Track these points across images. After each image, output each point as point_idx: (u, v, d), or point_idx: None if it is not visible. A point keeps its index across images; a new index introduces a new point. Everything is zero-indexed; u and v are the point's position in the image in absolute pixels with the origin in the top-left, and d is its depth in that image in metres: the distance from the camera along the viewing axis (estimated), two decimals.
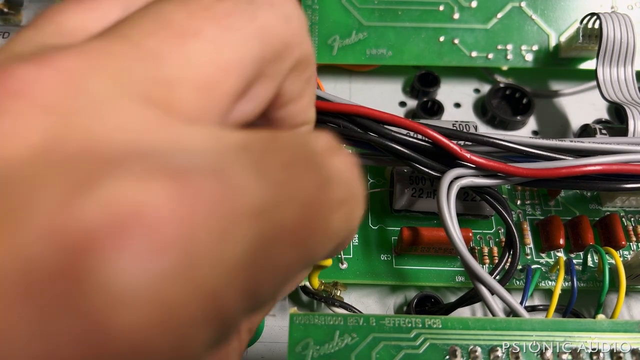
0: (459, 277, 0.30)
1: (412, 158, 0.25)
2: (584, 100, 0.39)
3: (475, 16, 0.37)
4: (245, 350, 0.29)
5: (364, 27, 0.37)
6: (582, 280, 0.30)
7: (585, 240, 0.30)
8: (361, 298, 0.31)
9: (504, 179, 0.25)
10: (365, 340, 0.20)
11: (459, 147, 0.24)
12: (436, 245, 0.29)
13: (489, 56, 0.37)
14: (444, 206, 0.24)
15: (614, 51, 0.33)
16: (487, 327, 0.21)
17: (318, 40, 0.37)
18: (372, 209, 0.32)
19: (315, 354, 0.20)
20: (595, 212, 0.32)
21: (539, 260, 0.31)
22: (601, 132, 0.32)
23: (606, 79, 0.33)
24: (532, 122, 0.38)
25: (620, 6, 0.37)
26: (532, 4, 0.37)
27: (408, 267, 0.30)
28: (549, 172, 0.24)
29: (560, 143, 0.26)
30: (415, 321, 0.21)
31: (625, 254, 0.31)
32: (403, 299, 0.31)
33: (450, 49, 0.37)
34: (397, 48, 0.37)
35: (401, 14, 0.37)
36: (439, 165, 0.25)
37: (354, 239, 0.31)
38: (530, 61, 0.37)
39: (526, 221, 0.32)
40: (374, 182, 0.33)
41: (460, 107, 0.39)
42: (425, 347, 0.20)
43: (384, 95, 0.39)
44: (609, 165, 0.25)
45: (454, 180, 0.25)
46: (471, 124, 0.32)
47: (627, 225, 0.32)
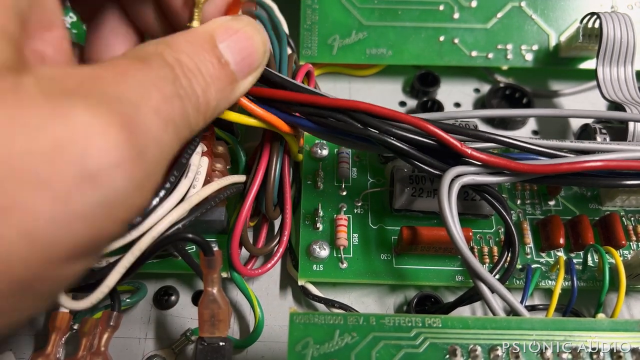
0: (458, 276, 0.30)
1: (413, 155, 0.25)
2: (584, 100, 0.39)
3: (475, 16, 0.37)
4: (246, 350, 0.29)
5: (363, 27, 0.37)
6: (582, 280, 0.30)
7: (585, 240, 0.30)
8: (361, 297, 0.31)
9: (505, 176, 0.25)
10: (365, 339, 0.20)
11: (460, 143, 0.24)
12: (436, 244, 0.29)
13: (489, 56, 0.37)
14: (445, 204, 0.24)
15: (614, 51, 0.33)
16: (487, 327, 0.21)
17: (318, 40, 0.37)
18: (372, 209, 0.32)
19: (315, 353, 0.20)
20: (595, 211, 0.32)
21: (539, 259, 0.31)
22: (601, 131, 0.32)
23: (606, 79, 0.33)
24: (532, 122, 0.38)
25: (620, 6, 0.37)
26: (532, 3, 0.37)
27: (408, 266, 0.30)
28: (550, 167, 0.24)
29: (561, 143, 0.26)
30: (415, 320, 0.21)
31: (625, 254, 0.31)
32: (403, 299, 0.31)
33: (450, 48, 0.37)
34: (397, 48, 0.37)
35: (401, 14, 0.37)
36: (440, 163, 0.25)
37: (354, 238, 0.31)
38: (530, 61, 0.37)
39: (526, 220, 0.32)
40: (374, 181, 0.33)
41: (460, 107, 0.39)
42: (425, 346, 0.20)
43: (383, 95, 0.39)
44: (610, 162, 0.25)
45: (455, 178, 0.25)
46: (471, 124, 0.32)
47: (627, 225, 0.32)
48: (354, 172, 0.33)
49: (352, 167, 0.33)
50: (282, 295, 0.31)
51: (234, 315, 0.30)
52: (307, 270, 0.30)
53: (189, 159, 0.24)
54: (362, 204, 0.32)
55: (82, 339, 0.26)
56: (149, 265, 0.28)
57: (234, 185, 0.28)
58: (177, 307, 0.30)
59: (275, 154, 0.28)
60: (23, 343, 0.29)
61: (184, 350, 0.29)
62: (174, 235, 0.23)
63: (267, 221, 0.31)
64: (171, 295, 0.31)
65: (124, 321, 0.29)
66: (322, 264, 0.30)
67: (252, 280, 0.32)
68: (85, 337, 0.26)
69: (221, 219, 0.29)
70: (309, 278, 0.30)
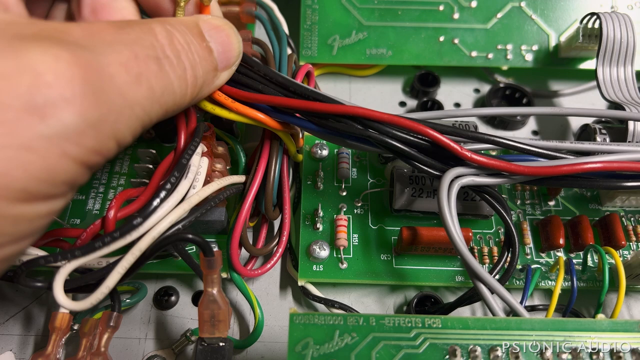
0: (458, 276, 0.30)
1: (412, 156, 0.25)
2: (584, 100, 0.39)
3: (475, 16, 0.37)
4: (246, 350, 0.29)
5: (364, 27, 0.37)
6: (582, 280, 0.30)
7: (585, 240, 0.30)
8: (361, 298, 0.31)
9: (504, 178, 0.25)
10: (365, 339, 0.20)
11: (460, 146, 0.24)
12: (436, 245, 0.29)
13: (489, 56, 0.37)
14: (444, 205, 0.24)
15: (614, 51, 0.33)
16: (487, 327, 0.21)
17: (318, 40, 0.37)
18: (372, 209, 0.32)
19: (315, 354, 0.20)
20: (595, 211, 0.32)
21: (538, 260, 0.31)
22: (601, 132, 0.32)
23: (606, 79, 0.33)
24: (532, 122, 0.38)
25: (620, 6, 0.37)
26: (532, 3, 0.37)
27: (408, 266, 0.30)
28: (550, 169, 0.24)
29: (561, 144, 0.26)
30: (415, 321, 0.21)
31: (625, 254, 0.31)
32: (403, 299, 0.31)
33: (450, 48, 0.37)
34: (397, 48, 0.37)
35: (401, 14, 0.37)
36: (439, 164, 0.25)
37: (354, 239, 0.31)
38: (530, 61, 0.37)
39: (526, 221, 0.32)
40: (374, 182, 0.33)
41: (460, 107, 0.39)
42: (425, 346, 0.20)
43: (383, 95, 0.39)
44: (610, 163, 0.25)
45: (454, 179, 0.25)
46: (471, 124, 0.32)
47: (627, 225, 0.32)
48: (354, 173, 0.33)
49: (352, 168, 0.33)
50: (282, 296, 0.31)
51: (234, 315, 0.30)
52: (307, 270, 0.30)
53: (189, 160, 0.24)
54: (362, 204, 0.32)
55: (82, 340, 0.26)
56: (149, 266, 0.28)
57: (234, 186, 0.28)
58: (177, 308, 0.31)
59: (275, 155, 0.28)
60: (23, 343, 0.29)
61: (184, 350, 0.29)
62: (174, 236, 0.23)
63: (266, 221, 0.31)
64: (171, 295, 0.31)
65: (124, 321, 0.30)
66: (322, 264, 0.30)
67: (252, 280, 0.32)
68: (85, 337, 0.26)
69: (221, 219, 0.29)
70: (309, 278, 0.30)
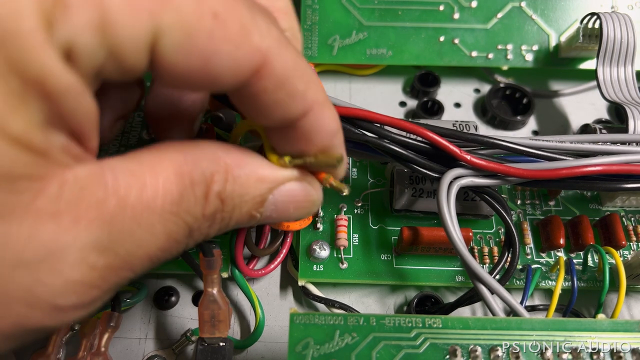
0: (459, 276, 0.30)
1: (411, 160, 0.25)
2: (584, 100, 0.39)
3: (475, 16, 0.37)
4: (246, 350, 0.29)
5: (364, 27, 0.37)
6: (582, 280, 0.30)
7: (585, 240, 0.30)
8: (361, 298, 0.31)
9: (504, 179, 0.25)
10: (365, 339, 0.20)
11: (459, 149, 0.24)
12: (436, 245, 0.29)
13: (489, 56, 0.37)
14: (443, 206, 0.24)
15: (614, 51, 0.33)
16: (487, 327, 0.21)
17: (318, 40, 0.37)
18: (373, 209, 0.32)
19: (316, 354, 0.20)
20: (596, 211, 0.33)
21: (539, 260, 0.31)
22: (601, 131, 0.32)
23: (606, 79, 0.33)
24: (532, 122, 0.38)
25: (620, 6, 0.37)
26: (532, 4, 0.37)
27: (408, 267, 0.30)
28: (549, 173, 0.24)
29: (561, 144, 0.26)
30: (416, 321, 0.21)
31: (625, 254, 0.31)
32: (403, 299, 0.31)
33: (450, 48, 0.37)
34: (397, 48, 0.37)
35: (401, 14, 0.37)
36: (438, 166, 0.25)
37: (354, 239, 0.31)
38: (530, 61, 0.37)
39: (526, 221, 0.32)
40: (374, 182, 0.33)
41: (461, 107, 0.39)
42: (426, 346, 0.20)
43: (384, 95, 0.39)
44: (609, 166, 0.25)
45: (453, 180, 0.25)
46: (471, 124, 0.32)
47: (627, 225, 0.32)
48: (354, 173, 0.33)
49: (352, 168, 0.33)
50: (282, 296, 0.31)
51: (235, 315, 0.30)
52: (307, 270, 0.30)
53: None
54: (363, 204, 0.32)
55: (82, 340, 0.26)
56: None
57: None
58: (177, 308, 0.31)
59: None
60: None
61: (184, 350, 0.29)
62: None
63: None
64: (171, 295, 0.31)
65: (124, 321, 0.30)
66: (322, 264, 0.30)
67: (253, 280, 0.32)
68: (85, 337, 0.26)
69: None
70: (309, 278, 0.30)
